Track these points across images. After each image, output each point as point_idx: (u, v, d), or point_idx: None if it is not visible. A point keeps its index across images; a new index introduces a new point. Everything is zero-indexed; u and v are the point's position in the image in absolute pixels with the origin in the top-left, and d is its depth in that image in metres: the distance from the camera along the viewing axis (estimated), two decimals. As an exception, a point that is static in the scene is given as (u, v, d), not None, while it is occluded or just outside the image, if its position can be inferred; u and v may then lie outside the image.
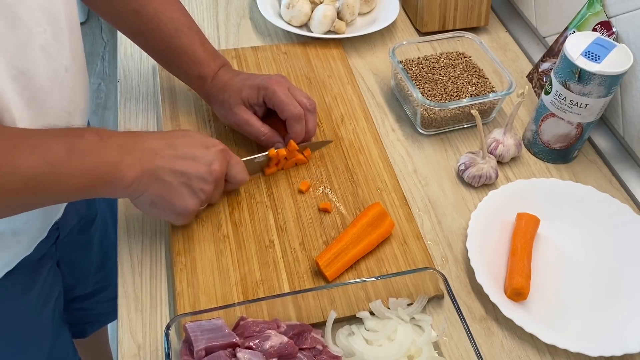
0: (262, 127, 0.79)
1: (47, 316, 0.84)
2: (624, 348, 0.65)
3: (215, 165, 0.66)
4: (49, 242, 0.79)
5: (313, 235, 0.74)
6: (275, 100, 0.77)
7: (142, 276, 0.71)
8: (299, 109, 0.77)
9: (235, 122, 0.79)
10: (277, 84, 0.78)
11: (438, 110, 0.86)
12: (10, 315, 0.78)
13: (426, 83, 0.93)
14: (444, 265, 0.74)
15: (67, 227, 0.85)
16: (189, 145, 0.66)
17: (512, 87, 0.87)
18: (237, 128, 0.81)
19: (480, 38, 0.96)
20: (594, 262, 0.75)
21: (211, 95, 0.81)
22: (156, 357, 0.64)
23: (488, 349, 0.67)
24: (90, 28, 2.75)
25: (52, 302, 0.85)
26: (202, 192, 0.66)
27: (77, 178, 0.57)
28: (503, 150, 0.85)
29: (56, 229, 0.80)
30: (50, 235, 0.78)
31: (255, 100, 0.78)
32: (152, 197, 0.64)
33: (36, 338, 0.83)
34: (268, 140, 0.79)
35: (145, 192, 0.63)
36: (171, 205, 0.65)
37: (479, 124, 0.80)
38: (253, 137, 0.80)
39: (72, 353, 0.94)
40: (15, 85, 0.58)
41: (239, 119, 0.79)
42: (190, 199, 0.66)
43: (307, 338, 0.62)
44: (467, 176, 0.82)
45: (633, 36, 0.82)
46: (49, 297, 0.84)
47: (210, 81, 0.80)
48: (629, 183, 0.84)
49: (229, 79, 0.80)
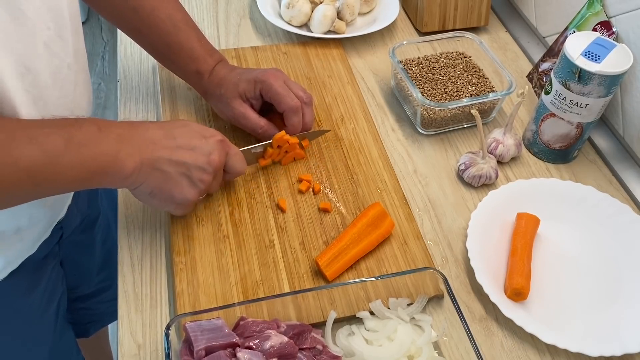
0: (259, 120, 0.79)
1: (51, 315, 0.84)
2: (624, 348, 0.65)
3: (214, 156, 0.66)
4: (52, 242, 0.79)
5: (313, 235, 0.74)
6: (272, 92, 0.77)
7: (142, 276, 0.71)
8: (295, 101, 0.78)
9: (233, 116, 0.80)
10: (274, 77, 0.78)
11: (438, 110, 0.86)
12: (14, 315, 0.78)
13: (426, 83, 0.93)
14: (444, 265, 0.74)
15: (70, 226, 0.85)
16: (188, 135, 0.66)
17: (512, 87, 0.87)
18: (234, 122, 0.81)
19: (480, 38, 0.96)
20: (594, 262, 0.75)
21: (208, 91, 0.82)
22: (156, 357, 0.64)
23: (488, 349, 0.67)
24: (90, 28, 2.75)
25: (55, 302, 0.85)
26: (201, 182, 0.66)
27: (75, 169, 0.57)
28: (503, 150, 0.85)
29: (59, 228, 0.81)
30: (53, 235, 0.78)
31: (252, 93, 0.79)
32: (151, 188, 0.64)
33: (39, 337, 0.83)
34: (265, 133, 0.80)
35: (145, 183, 0.63)
36: (170, 195, 0.65)
37: (479, 124, 0.80)
38: (250, 131, 0.80)
39: (75, 353, 0.94)
40: (22, 82, 0.58)
41: (236, 112, 0.79)
42: (189, 189, 0.66)
43: (307, 338, 0.62)
44: (467, 176, 0.82)
45: (633, 36, 0.82)
46: (52, 297, 0.84)
47: (208, 77, 0.81)
48: (629, 183, 0.84)
49: (226, 74, 0.80)
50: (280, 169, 0.81)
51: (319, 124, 0.88)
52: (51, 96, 0.63)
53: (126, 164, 0.60)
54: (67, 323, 0.92)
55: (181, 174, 0.64)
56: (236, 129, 0.84)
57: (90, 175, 0.58)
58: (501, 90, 0.90)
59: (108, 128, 0.60)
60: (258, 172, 0.81)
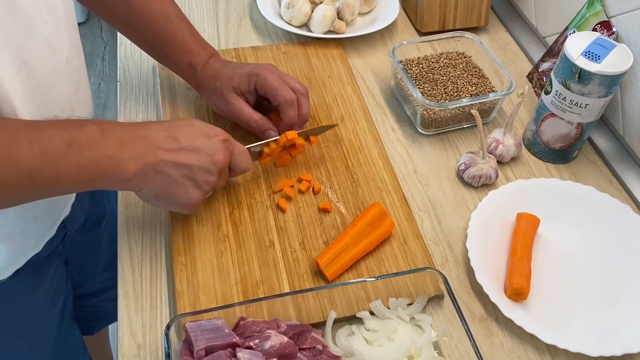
0: (253, 114, 0.79)
1: (56, 314, 0.84)
2: (624, 348, 0.65)
3: (218, 156, 0.65)
4: (56, 240, 0.79)
5: (313, 235, 0.74)
6: (266, 86, 0.78)
7: (142, 276, 0.71)
8: (291, 94, 0.78)
9: (227, 110, 0.80)
10: (268, 70, 0.78)
11: (438, 110, 0.86)
12: (18, 313, 0.78)
13: (426, 83, 0.93)
14: (444, 265, 0.74)
15: (74, 225, 0.85)
16: (192, 135, 0.65)
17: (512, 87, 0.87)
18: (229, 116, 0.82)
19: (480, 38, 0.96)
20: (594, 262, 0.75)
21: (202, 84, 0.82)
22: (156, 357, 0.64)
23: (488, 349, 0.67)
24: (90, 28, 2.75)
25: (60, 301, 0.85)
26: (205, 183, 0.65)
27: (76, 172, 0.56)
28: (503, 150, 0.85)
29: (63, 227, 0.81)
30: (57, 233, 0.78)
31: (246, 87, 0.79)
32: (155, 191, 0.63)
33: (44, 335, 0.83)
34: (259, 127, 0.80)
35: (148, 186, 0.63)
36: (175, 198, 0.65)
37: (479, 124, 0.80)
38: (245, 124, 0.81)
39: (82, 351, 0.95)
40: (18, 75, 0.58)
41: (231, 106, 0.79)
42: (194, 191, 0.65)
43: (307, 338, 0.62)
44: (467, 176, 0.82)
45: (633, 36, 0.82)
46: (57, 295, 0.84)
47: (201, 69, 0.81)
48: (629, 183, 0.84)
49: (220, 68, 0.81)
50: (280, 169, 0.81)
51: (318, 123, 0.88)
52: (50, 91, 0.63)
53: (128, 168, 0.59)
54: (73, 321, 0.92)
55: (185, 176, 0.64)
56: (237, 127, 0.83)
57: (91, 178, 0.58)
58: (501, 91, 0.90)
59: (110, 130, 0.59)
60: (258, 172, 0.81)
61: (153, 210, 0.77)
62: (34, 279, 0.78)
